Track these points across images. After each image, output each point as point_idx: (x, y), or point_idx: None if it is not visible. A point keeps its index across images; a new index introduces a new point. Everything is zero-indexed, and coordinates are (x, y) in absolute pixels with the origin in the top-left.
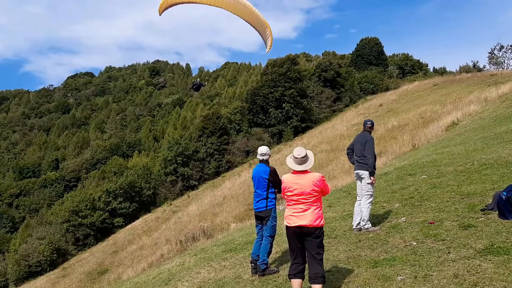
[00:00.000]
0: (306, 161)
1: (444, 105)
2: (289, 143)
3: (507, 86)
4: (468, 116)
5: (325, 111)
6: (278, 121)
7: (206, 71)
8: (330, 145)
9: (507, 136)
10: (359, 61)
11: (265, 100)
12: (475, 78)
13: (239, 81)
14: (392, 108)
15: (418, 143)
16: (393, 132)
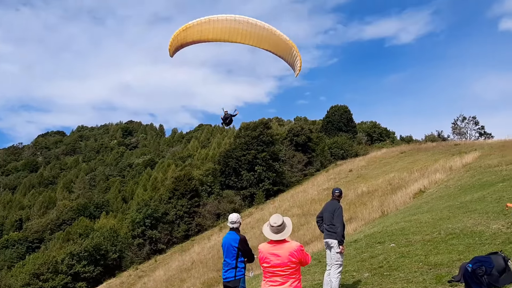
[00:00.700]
0: (283, 229)
1: (411, 172)
2: (260, 206)
3: (470, 156)
4: (435, 184)
5: (297, 175)
6: (250, 183)
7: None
8: (301, 209)
9: (472, 205)
10: (330, 127)
11: (238, 163)
12: (440, 147)
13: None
14: (362, 174)
15: (387, 210)
16: (363, 197)
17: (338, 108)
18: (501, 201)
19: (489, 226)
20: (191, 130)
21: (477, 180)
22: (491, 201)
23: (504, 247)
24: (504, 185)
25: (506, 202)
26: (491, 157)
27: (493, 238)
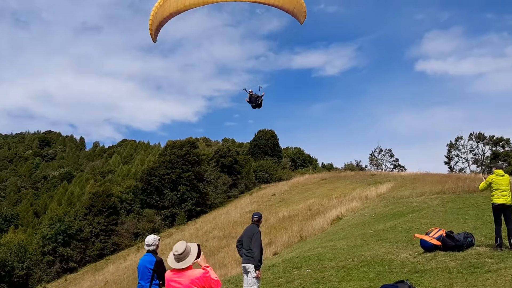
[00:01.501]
0: (184, 257)
1: (331, 199)
2: (181, 227)
3: (384, 186)
4: (351, 212)
5: (221, 197)
6: (172, 203)
7: (101, 147)
8: (223, 231)
9: (384, 234)
10: (256, 151)
11: (161, 181)
12: (358, 176)
13: (135, 159)
14: (284, 198)
15: (306, 235)
16: (284, 222)
17: (266, 132)
18: (410, 231)
19: (398, 255)
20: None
21: (389, 210)
22: (401, 230)
23: (411, 275)
24: (413, 216)
25: (414, 232)
26: (403, 188)
27: (401, 266)
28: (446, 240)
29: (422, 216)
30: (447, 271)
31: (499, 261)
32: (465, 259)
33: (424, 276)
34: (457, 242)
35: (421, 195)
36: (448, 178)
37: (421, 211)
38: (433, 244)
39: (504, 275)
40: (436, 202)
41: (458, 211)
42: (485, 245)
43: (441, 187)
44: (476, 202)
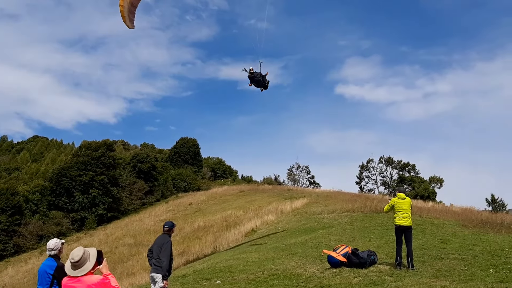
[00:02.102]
0: (81, 265)
1: (247, 211)
2: (90, 232)
3: (299, 202)
4: (266, 225)
5: (135, 203)
6: (82, 206)
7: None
8: (134, 239)
9: (295, 248)
10: (176, 158)
11: (72, 183)
12: (275, 190)
13: (46, 158)
14: (201, 209)
15: (219, 246)
16: (198, 232)
17: (187, 140)
18: (320, 246)
19: (307, 270)
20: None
21: (302, 225)
22: (311, 246)
23: None
24: (323, 232)
25: (323, 248)
26: (316, 205)
27: (308, 281)
28: (352, 257)
29: (331, 232)
30: (350, 287)
31: (398, 279)
32: (367, 276)
33: None
34: (361, 260)
35: (332, 212)
36: (358, 198)
37: (331, 228)
38: (339, 260)
39: None
40: (345, 220)
41: (365, 229)
42: (386, 263)
43: (351, 206)
44: (382, 222)
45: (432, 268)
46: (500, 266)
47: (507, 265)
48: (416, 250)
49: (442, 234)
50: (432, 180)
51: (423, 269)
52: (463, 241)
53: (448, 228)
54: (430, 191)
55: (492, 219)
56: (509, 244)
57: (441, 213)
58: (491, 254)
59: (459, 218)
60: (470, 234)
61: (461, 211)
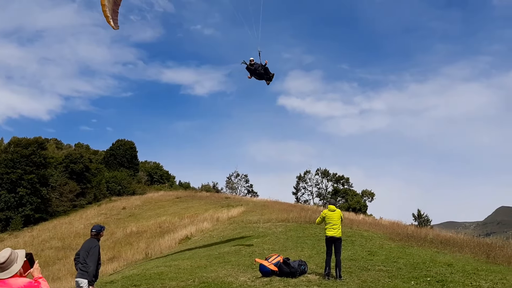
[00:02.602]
0: (8, 267)
1: (182, 218)
2: (15, 233)
3: (236, 210)
4: (201, 232)
5: (65, 205)
6: (8, 206)
7: None
8: (62, 242)
9: (228, 257)
10: (112, 161)
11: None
12: (213, 197)
13: None
14: (135, 213)
15: (151, 252)
16: (131, 237)
17: (124, 142)
18: (253, 255)
19: (238, 278)
20: None
21: (237, 234)
22: (245, 254)
23: None
24: (258, 241)
25: (256, 257)
26: (253, 213)
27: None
28: (283, 266)
29: (265, 241)
30: None
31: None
32: (297, 285)
33: None
34: (292, 269)
35: (268, 221)
36: (294, 208)
37: (265, 237)
38: (271, 269)
39: None
40: (280, 229)
41: (298, 239)
42: (316, 273)
43: (286, 216)
44: (315, 232)
45: (359, 279)
46: (421, 278)
47: (427, 278)
48: (344, 261)
49: (370, 246)
50: (364, 193)
51: (350, 280)
52: (389, 253)
53: (376, 241)
54: (362, 204)
55: (417, 233)
56: (430, 257)
57: (371, 225)
58: (413, 267)
59: (387, 231)
60: (396, 247)
61: (389, 224)
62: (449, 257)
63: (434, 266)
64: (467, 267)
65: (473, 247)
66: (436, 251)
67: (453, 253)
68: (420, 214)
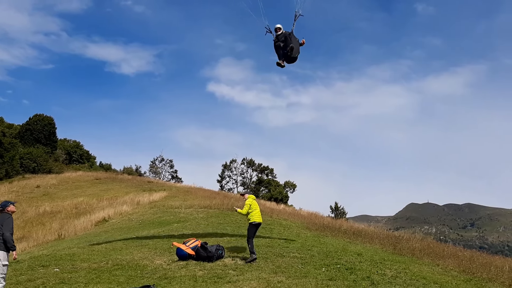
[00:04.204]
0: None
1: (101, 200)
2: None
3: (158, 195)
4: (119, 215)
5: None
6: None
7: None
8: None
9: (146, 240)
10: (28, 136)
11: None
12: (134, 181)
13: None
14: (49, 193)
15: (65, 234)
16: (44, 217)
17: (43, 118)
18: (171, 239)
19: (153, 261)
20: None
21: (157, 218)
22: (163, 238)
23: (160, 281)
24: (178, 226)
25: (173, 241)
26: (175, 199)
27: (153, 272)
28: (200, 250)
29: (186, 227)
30: (193, 279)
31: (240, 273)
32: (212, 269)
33: (172, 283)
34: (209, 253)
35: (190, 207)
36: (217, 195)
37: (186, 222)
38: (188, 253)
39: (241, 286)
40: (201, 215)
41: (218, 225)
42: (233, 257)
43: (209, 202)
44: (236, 219)
45: (273, 264)
46: (332, 265)
47: (338, 265)
48: (261, 247)
49: (287, 234)
50: (286, 184)
51: (265, 265)
52: (304, 241)
53: (293, 229)
54: (284, 194)
55: (332, 224)
56: (342, 247)
57: (290, 215)
58: (326, 255)
59: (305, 221)
60: (311, 236)
61: (307, 215)
62: (360, 247)
63: (345, 255)
64: (375, 256)
65: (382, 239)
66: (348, 241)
67: (364, 244)
68: (337, 207)
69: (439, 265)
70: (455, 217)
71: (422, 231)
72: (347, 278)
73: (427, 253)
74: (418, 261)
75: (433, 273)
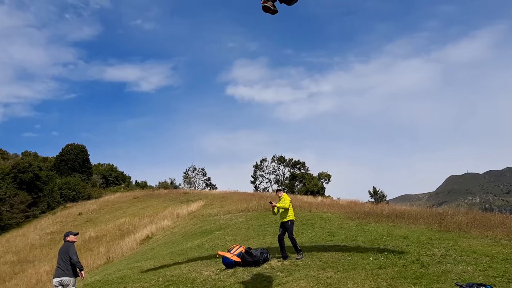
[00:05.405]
0: None
1: (142, 218)
2: None
3: (195, 205)
4: (162, 231)
5: (17, 217)
6: None
7: None
8: (17, 255)
9: (191, 252)
10: (63, 166)
11: None
12: (171, 194)
13: None
14: (92, 218)
15: (113, 256)
16: (90, 243)
17: (74, 147)
18: (215, 248)
19: (202, 273)
20: None
21: (198, 228)
22: (208, 248)
23: None
24: (219, 233)
25: (219, 249)
26: (212, 206)
27: (203, 284)
28: (245, 256)
29: (227, 233)
30: (244, 286)
31: (288, 274)
32: (260, 273)
33: None
34: (254, 258)
35: (228, 212)
36: (253, 197)
37: (227, 229)
38: (234, 260)
39: (291, 287)
40: (241, 220)
41: (259, 227)
42: (278, 259)
43: (246, 205)
44: (275, 219)
45: (320, 260)
46: (379, 253)
47: (385, 252)
48: (305, 244)
49: (329, 227)
50: (320, 176)
51: (312, 262)
52: (348, 232)
53: (335, 221)
54: (320, 186)
55: (373, 210)
56: (387, 232)
57: (329, 207)
58: (371, 243)
59: (345, 211)
60: (354, 226)
61: (347, 204)
62: (405, 229)
63: (390, 240)
64: (422, 237)
65: (426, 218)
66: (392, 225)
67: (408, 225)
68: (376, 191)
69: (488, 236)
70: (498, 183)
71: (466, 202)
72: (396, 264)
73: (474, 226)
74: (466, 235)
75: (483, 245)
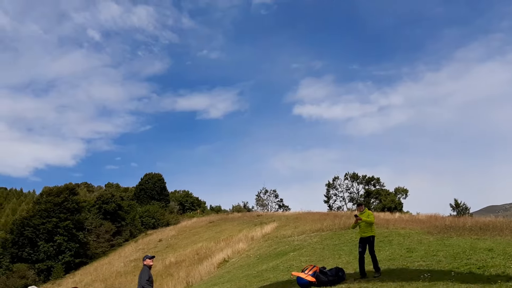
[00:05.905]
0: None
1: (218, 242)
2: (58, 281)
3: (269, 227)
4: (237, 254)
5: (103, 246)
6: (47, 255)
7: None
8: (105, 283)
9: (266, 274)
10: (142, 195)
11: (35, 232)
12: (244, 217)
13: (5, 208)
14: (171, 244)
15: (192, 281)
16: (170, 268)
17: (152, 176)
18: (291, 269)
19: None
20: None
21: (273, 250)
22: (283, 269)
23: None
24: (294, 254)
25: (294, 270)
26: (286, 228)
27: None
28: (320, 276)
29: (302, 254)
30: None
31: None
32: None
33: None
34: (330, 277)
35: (302, 233)
36: (327, 216)
37: (301, 249)
38: (308, 280)
39: None
40: (315, 240)
41: (334, 247)
42: (355, 278)
43: (320, 225)
44: (350, 238)
45: (399, 277)
46: (462, 267)
47: (468, 266)
48: (383, 262)
49: (408, 243)
50: (397, 191)
51: (390, 280)
52: (428, 248)
53: (414, 237)
54: (397, 202)
55: (455, 223)
56: (470, 245)
57: (407, 222)
58: (453, 257)
59: (424, 226)
60: (434, 240)
61: (426, 218)
62: (489, 242)
63: (474, 254)
64: (508, 249)
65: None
66: (476, 238)
67: (493, 237)
68: (458, 204)
69: None
70: None
71: None
72: (480, 278)
73: None
74: None
75: None
